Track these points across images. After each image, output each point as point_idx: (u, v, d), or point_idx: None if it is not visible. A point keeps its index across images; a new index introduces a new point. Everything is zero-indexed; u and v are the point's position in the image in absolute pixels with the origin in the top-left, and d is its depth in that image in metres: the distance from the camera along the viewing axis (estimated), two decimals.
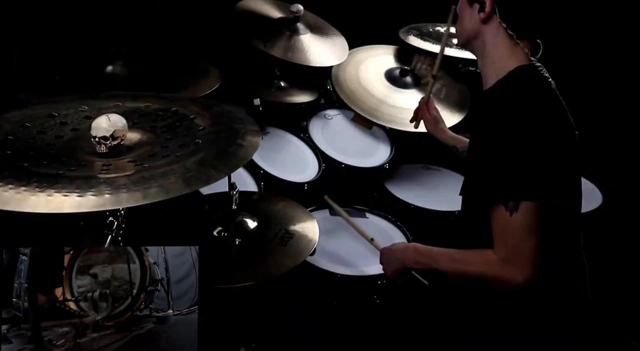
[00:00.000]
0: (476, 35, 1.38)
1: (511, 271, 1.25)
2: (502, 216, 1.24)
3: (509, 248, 1.25)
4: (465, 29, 1.40)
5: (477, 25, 1.36)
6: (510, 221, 1.23)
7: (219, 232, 1.58)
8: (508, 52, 1.35)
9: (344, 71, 2.47)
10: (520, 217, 1.23)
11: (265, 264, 1.49)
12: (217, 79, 2.03)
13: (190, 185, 1.06)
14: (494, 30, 1.35)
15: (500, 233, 1.27)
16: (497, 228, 1.27)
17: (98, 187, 1.03)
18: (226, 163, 1.16)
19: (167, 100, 1.43)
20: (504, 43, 1.35)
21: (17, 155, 1.13)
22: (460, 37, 1.43)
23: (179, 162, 1.13)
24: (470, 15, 1.37)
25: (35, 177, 1.04)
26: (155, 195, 1.02)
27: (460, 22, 1.41)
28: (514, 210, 1.23)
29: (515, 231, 1.24)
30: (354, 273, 1.80)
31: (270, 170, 2.16)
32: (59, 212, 0.97)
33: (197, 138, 1.24)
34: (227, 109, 1.39)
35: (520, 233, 1.23)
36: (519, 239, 1.24)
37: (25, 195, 0.99)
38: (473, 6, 1.35)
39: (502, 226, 1.25)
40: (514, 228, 1.23)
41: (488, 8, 1.32)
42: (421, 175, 2.43)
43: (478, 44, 1.39)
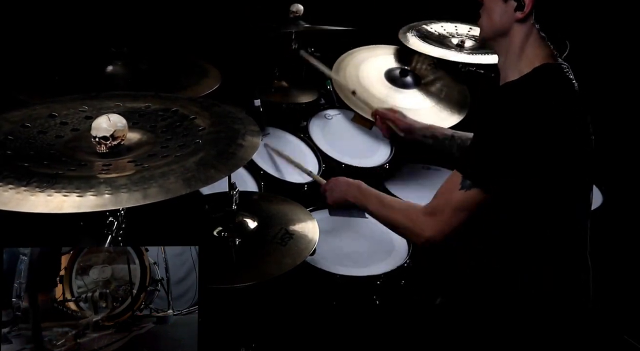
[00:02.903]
0: (505, 32, 1.36)
1: (422, 225, 1.35)
2: (454, 183, 1.31)
3: (437, 207, 1.34)
4: (494, 25, 1.37)
5: (510, 22, 1.34)
6: (457, 192, 1.30)
7: (219, 232, 1.59)
8: (536, 52, 1.34)
9: (344, 71, 2.47)
10: (466, 195, 1.29)
11: (265, 264, 1.49)
12: (217, 79, 2.03)
13: (190, 185, 1.06)
14: (525, 30, 1.34)
15: (440, 194, 1.35)
16: (443, 189, 1.35)
17: (98, 187, 1.03)
18: (226, 164, 1.16)
19: (167, 100, 1.43)
20: (534, 43, 1.35)
21: (17, 155, 1.13)
22: (486, 31, 1.41)
23: (179, 162, 1.13)
24: (503, 11, 1.34)
25: (35, 177, 1.04)
26: (155, 195, 1.02)
27: (488, 17, 1.38)
28: (467, 188, 1.29)
29: (455, 201, 1.31)
30: (353, 273, 1.80)
31: (270, 170, 2.16)
32: (58, 212, 0.97)
33: (197, 138, 1.24)
34: (227, 109, 1.39)
35: (456, 205, 1.31)
36: (451, 208, 1.32)
37: (25, 195, 0.99)
38: (508, 2, 1.33)
39: (447, 190, 1.33)
40: (455, 198, 1.31)
41: (528, 8, 1.30)
42: (421, 175, 2.42)
43: (505, 41, 1.37)
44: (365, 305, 1.85)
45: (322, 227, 1.71)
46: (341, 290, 1.82)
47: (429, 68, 2.58)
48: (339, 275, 1.77)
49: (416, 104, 2.41)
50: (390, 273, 1.80)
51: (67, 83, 1.79)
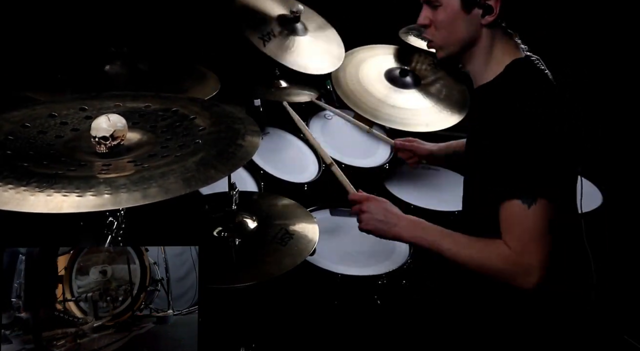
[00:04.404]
0: (473, 42, 1.35)
1: (525, 268, 1.22)
2: (516, 213, 1.22)
3: (524, 242, 1.22)
4: (462, 38, 1.34)
5: (478, 30, 1.33)
6: (527, 215, 1.21)
7: (219, 232, 1.59)
8: (504, 49, 1.34)
9: (344, 71, 2.47)
10: (536, 213, 1.21)
11: (265, 264, 1.49)
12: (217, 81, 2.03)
13: (190, 185, 1.06)
14: (492, 31, 1.34)
15: (513, 227, 1.24)
16: (511, 222, 1.24)
17: (97, 187, 1.03)
18: (226, 164, 1.15)
19: (168, 100, 1.42)
20: (500, 41, 1.34)
21: (17, 155, 1.13)
22: (452, 47, 1.37)
23: (179, 162, 1.13)
24: (468, 22, 1.32)
25: (35, 177, 1.04)
26: (155, 195, 1.02)
27: (450, 33, 1.35)
28: (532, 204, 1.21)
29: (533, 225, 1.22)
30: (354, 273, 1.80)
31: (270, 170, 2.16)
32: (58, 212, 0.97)
33: (197, 138, 1.23)
34: (227, 109, 1.39)
35: (537, 228, 1.22)
36: (535, 234, 1.22)
37: (24, 195, 0.99)
38: (472, 12, 1.31)
39: (517, 220, 1.23)
40: (531, 222, 1.21)
41: (497, 9, 1.29)
42: (421, 175, 2.42)
43: (473, 49, 1.35)
44: (367, 304, 1.85)
45: (323, 226, 1.71)
46: (342, 289, 1.82)
47: (429, 68, 2.58)
48: (340, 275, 1.77)
49: (416, 104, 2.41)
50: (392, 273, 1.80)
51: (68, 82, 1.79)
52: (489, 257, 1.26)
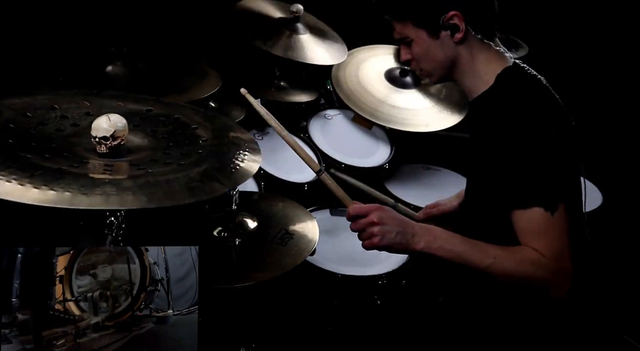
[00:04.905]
0: (454, 60, 1.36)
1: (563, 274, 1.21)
2: (542, 217, 1.21)
3: (558, 248, 1.21)
4: (442, 61, 1.36)
5: (453, 49, 1.34)
6: (553, 221, 1.21)
7: (219, 232, 1.59)
8: (488, 58, 1.36)
9: (344, 71, 2.47)
10: (561, 217, 1.22)
11: (265, 264, 1.49)
12: (218, 79, 2.03)
13: (194, 194, 1.09)
14: (469, 46, 1.35)
15: (542, 235, 1.22)
16: (538, 230, 1.22)
17: (103, 187, 1.02)
18: (229, 177, 1.18)
19: (169, 106, 1.42)
20: (481, 52, 1.36)
21: (18, 144, 1.12)
22: (438, 71, 1.39)
23: (183, 171, 1.14)
24: (441, 45, 1.34)
25: (39, 170, 1.03)
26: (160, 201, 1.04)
27: (431, 60, 1.37)
28: (555, 210, 1.21)
29: (560, 231, 1.22)
30: (355, 273, 1.80)
31: (270, 170, 2.16)
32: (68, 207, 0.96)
33: (199, 148, 1.24)
34: (228, 123, 1.40)
35: (565, 233, 1.22)
36: (565, 239, 1.22)
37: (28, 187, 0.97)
38: (441, 36, 1.32)
39: (545, 227, 1.21)
40: (558, 227, 1.21)
41: (462, 25, 1.31)
42: (421, 175, 2.42)
43: (456, 67, 1.37)
44: (367, 304, 1.85)
45: (323, 227, 1.71)
46: (342, 289, 1.82)
47: None
48: (340, 275, 1.77)
49: (416, 104, 2.41)
50: (392, 273, 1.80)
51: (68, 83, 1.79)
52: (525, 268, 1.21)
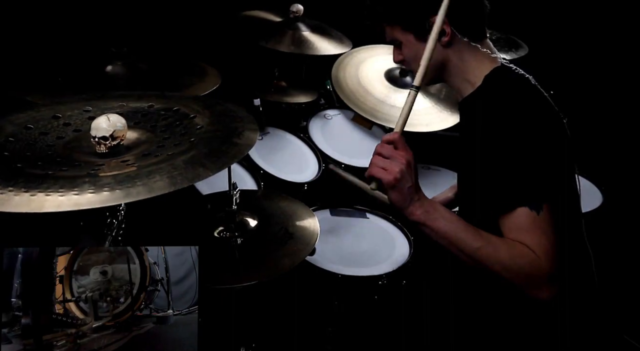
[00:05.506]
0: (443, 63, 1.37)
1: (549, 275, 1.19)
2: (529, 216, 1.21)
3: (546, 247, 1.20)
4: (430, 64, 1.32)
5: (441, 52, 1.35)
6: (540, 220, 1.20)
7: (220, 232, 1.58)
8: (476, 60, 1.36)
9: (344, 71, 2.47)
10: (547, 216, 1.21)
11: (265, 264, 1.49)
12: (217, 78, 2.03)
13: (175, 183, 1.02)
14: (457, 48, 1.36)
15: (529, 234, 1.21)
16: (526, 229, 1.21)
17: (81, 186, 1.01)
18: (215, 162, 1.12)
19: (171, 99, 1.42)
20: (469, 54, 1.36)
21: (13, 156, 1.12)
22: (429, 73, 1.34)
23: (168, 161, 1.11)
24: None
25: (22, 178, 1.02)
26: (137, 194, 1.00)
27: (419, 62, 1.31)
28: (540, 210, 1.20)
29: (547, 231, 1.21)
30: (355, 273, 1.80)
31: (270, 170, 2.16)
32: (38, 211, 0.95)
33: (193, 136, 1.22)
34: (229, 108, 1.38)
35: (552, 233, 1.21)
36: (552, 239, 1.21)
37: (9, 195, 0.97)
38: (427, 39, 1.29)
39: (532, 226, 1.21)
40: (545, 227, 1.21)
41: (448, 29, 1.32)
42: (421, 175, 2.42)
43: (446, 68, 1.38)
44: (367, 304, 1.85)
45: (323, 226, 1.71)
46: (342, 289, 1.82)
47: None
48: (341, 275, 1.77)
49: (416, 104, 2.40)
50: (392, 273, 1.80)
51: (68, 84, 1.79)
52: (514, 259, 1.21)
